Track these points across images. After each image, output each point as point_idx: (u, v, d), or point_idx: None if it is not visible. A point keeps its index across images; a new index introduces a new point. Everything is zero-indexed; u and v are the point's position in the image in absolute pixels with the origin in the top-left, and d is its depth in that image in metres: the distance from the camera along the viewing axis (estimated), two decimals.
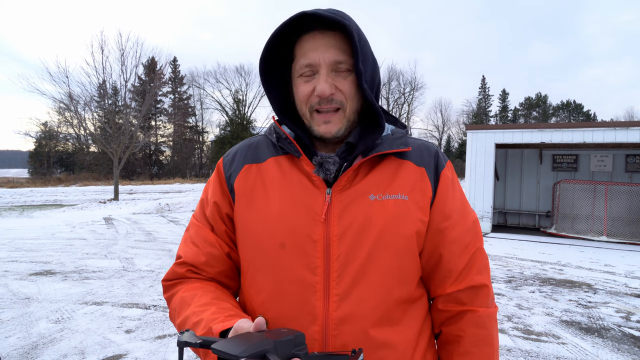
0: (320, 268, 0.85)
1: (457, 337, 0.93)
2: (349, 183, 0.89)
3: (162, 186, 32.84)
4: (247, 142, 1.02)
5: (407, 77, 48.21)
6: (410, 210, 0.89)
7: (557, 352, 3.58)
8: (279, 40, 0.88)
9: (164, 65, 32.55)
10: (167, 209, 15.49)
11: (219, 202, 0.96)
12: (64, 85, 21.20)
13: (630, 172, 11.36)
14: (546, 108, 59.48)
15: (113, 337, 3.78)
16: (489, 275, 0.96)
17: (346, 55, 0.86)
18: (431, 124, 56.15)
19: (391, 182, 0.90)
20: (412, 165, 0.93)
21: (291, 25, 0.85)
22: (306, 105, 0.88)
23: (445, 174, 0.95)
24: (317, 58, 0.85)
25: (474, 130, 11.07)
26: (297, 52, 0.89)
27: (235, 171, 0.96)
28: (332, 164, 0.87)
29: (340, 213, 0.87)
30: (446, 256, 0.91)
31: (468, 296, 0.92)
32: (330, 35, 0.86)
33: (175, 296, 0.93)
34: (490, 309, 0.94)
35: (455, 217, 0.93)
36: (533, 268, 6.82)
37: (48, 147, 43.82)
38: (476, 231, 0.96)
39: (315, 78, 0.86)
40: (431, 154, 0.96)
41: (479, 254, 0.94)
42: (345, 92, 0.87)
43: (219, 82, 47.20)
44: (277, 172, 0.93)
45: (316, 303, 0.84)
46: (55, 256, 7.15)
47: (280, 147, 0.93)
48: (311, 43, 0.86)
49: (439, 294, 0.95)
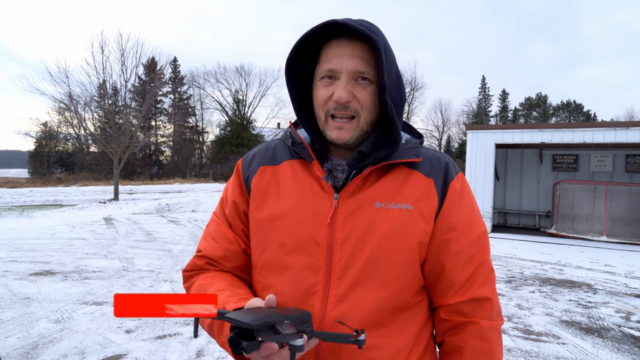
0: (322, 269, 0.88)
1: (458, 348, 0.93)
2: (357, 189, 0.91)
3: (162, 186, 32.82)
4: (265, 145, 1.07)
5: (407, 77, 48.08)
6: (414, 220, 0.90)
7: (557, 352, 3.58)
8: (306, 42, 0.90)
9: (164, 66, 32.63)
10: (167, 209, 15.49)
11: (238, 201, 1.01)
12: (64, 85, 21.19)
13: (630, 172, 11.37)
14: (546, 108, 59.46)
15: (113, 337, 3.79)
16: (494, 289, 0.96)
17: (369, 67, 0.88)
18: (431, 124, 56.12)
19: (398, 192, 0.91)
20: (421, 176, 0.94)
21: (321, 30, 0.87)
22: (323, 108, 0.91)
23: (454, 185, 0.95)
24: (339, 65, 0.87)
25: (474, 130, 11.07)
26: (323, 57, 0.91)
27: (252, 172, 1.00)
28: (340, 172, 0.90)
29: (346, 218, 0.89)
30: (449, 267, 0.92)
31: (470, 308, 0.92)
32: (358, 46, 0.87)
33: (194, 284, 0.99)
34: (493, 322, 0.93)
35: (461, 229, 0.93)
36: (533, 268, 6.82)
37: (48, 147, 43.79)
38: (483, 244, 0.95)
39: (335, 84, 0.88)
40: (441, 165, 0.97)
41: (483, 266, 0.94)
42: (362, 101, 0.88)
43: (219, 82, 47.25)
44: (290, 175, 0.97)
45: (315, 302, 0.87)
46: (55, 256, 7.14)
47: (295, 151, 0.97)
48: (337, 50, 0.88)
49: (441, 304, 0.95)
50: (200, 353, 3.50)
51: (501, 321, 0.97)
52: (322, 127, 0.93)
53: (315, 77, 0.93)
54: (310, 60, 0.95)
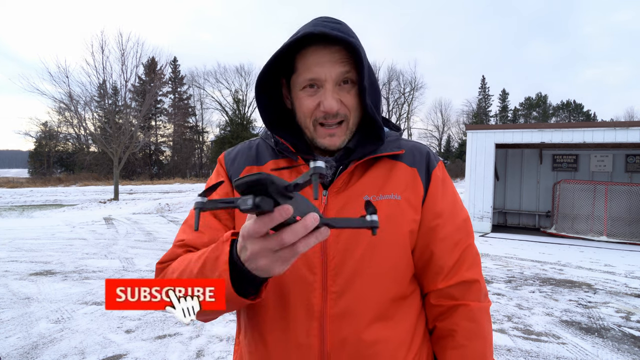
0: (318, 267, 0.88)
1: (450, 331, 0.95)
2: (344, 185, 0.92)
3: (162, 186, 32.83)
4: (247, 144, 1.05)
5: (407, 77, 48.27)
6: (403, 209, 0.92)
7: (557, 352, 3.58)
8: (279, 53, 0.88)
9: (164, 65, 32.64)
10: (167, 209, 15.50)
11: (222, 195, 0.96)
12: (64, 85, 21.24)
13: (630, 172, 11.36)
14: (546, 108, 59.48)
15: (113, 337, 3.79)
16: (480, 271, 0.99)
17: (350, 69, 0.87)
18: (431, 124, 56.21)
19: (385, 183, 0.93)
20: (405, 166, 0.96)
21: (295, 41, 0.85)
22: (310, 118, 0.90)
23: (436, 173, 0.98)
24: (322, 73, 0.86)
25: (474, 130, 11.07)
26: (300, 65, 0.88)
27: (236, 172, 0.98)
28: (328, 168, 0.89)
29: (336, 214, 0.90)
30: (437, 253, 0.94)
31: (459, 291, 0.94)
32: (335, 50, 0.87)
33: (168, 269, 0.86)
34: (482, 303, 0.96)
35: (446, 215, 0.95)
36: (533, 268, 6.82)
37: (48, 147, 43.82)
38: (467, 229, 0.98)
39: (320, 92, 0.88)
40: (422, 154, 1.00)
41: (469, 250, 0.97)
42: (348, 105, 0.89)
43: (219, 82, 47.32)
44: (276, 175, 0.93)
45: (314, 300, 0.87)
46: (55, 256, 7.14)
47: (279, 150, 0.96)
48: (316, 58, 0.86)
49: (431, 290, 0.97)
50: (200, 353, 3.50)
51: (489, 303, 0.99)
52: (310, 136, 0.92)
53: (294, 86, 0.91)
54: (277, 70, 0.93)
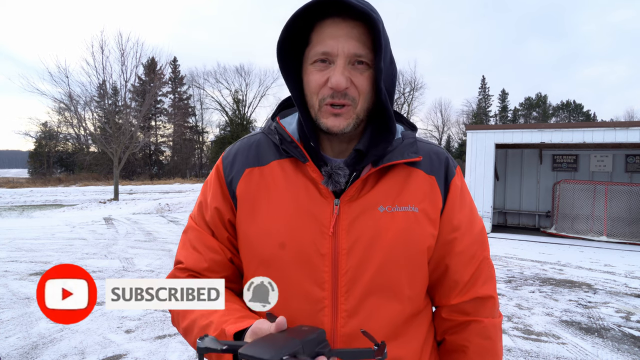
0: (328, 283, 0.82)
1: (462, 346, 0.92)
2: (357, 193, 0.85)
3: (162, 186, 32.82)
4: (247, 141, 0.95)
5: (407, 77, 48.00)
6: (421, 223, 0.85)
7: (557, 352, 3.58)
8: (298, 22, 0.80)
9: (164, 66, 32.66)
10: (167, 209, 15.49)
11: (221, 208, 0.90)
12: (63, 85, 21.23)
13: (630, 172, 11.36)
14: (546, 108, 59.44)
15: (113, 337, 3.78)
16: (495, 286, 0.94)
17: (367, 50, 0.79)
18: (431, 124, 56.02)
19: (400, 192, 0.86)
20: (423, 174, 0.89)
21: (314, 7, 0.77)
22: (317, 96, 0.81)
23: (455, 182, 0.92)
24: (335, 47, 0.78)
25: (474, 130, 11.07)
26: (315, 37, 0.81)
27: (236, 176, 0.90)
28: (342, 176, 0.82)
29: (349, 226, 0.83)
30: (453, 267, 0.89)
31: (473, 307, 0.91)
32: (354, 26, 0.79)
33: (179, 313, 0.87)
34: (495, 319, 0.93)
35: (464, 227, 0.90)
36: (533, 268, 6.82)
37: (48, 147, 43.83)
38: (483, 240, 0.93)
39: (331, 68, 0.79)
40: (441, 161, 0.92)
41: (485, 264, 0.92)
42: (360, 88, 0.80)
43: (219, 82, 47.25)
44: (281, 178, 0.87)
45: (324, 319, 0.81)
46: (55, 256, 7.14)
47: (284, 149, 0.87)
48: (332, 30, 0.79)
49: (444, 305, 0.93)
50: None
51: (501, 317, 0.96)
52: (314, 115, 0.83)
53: (306, 60, 0.83)
54: (302, 42, 0.85)
